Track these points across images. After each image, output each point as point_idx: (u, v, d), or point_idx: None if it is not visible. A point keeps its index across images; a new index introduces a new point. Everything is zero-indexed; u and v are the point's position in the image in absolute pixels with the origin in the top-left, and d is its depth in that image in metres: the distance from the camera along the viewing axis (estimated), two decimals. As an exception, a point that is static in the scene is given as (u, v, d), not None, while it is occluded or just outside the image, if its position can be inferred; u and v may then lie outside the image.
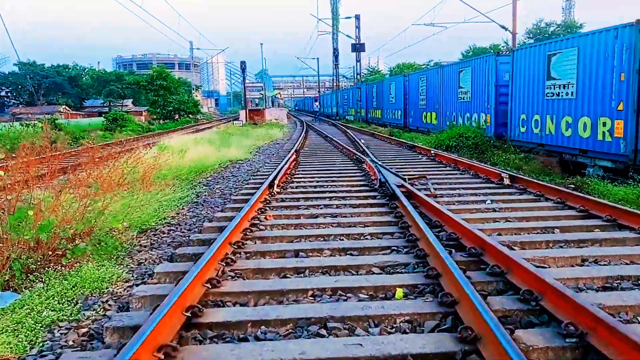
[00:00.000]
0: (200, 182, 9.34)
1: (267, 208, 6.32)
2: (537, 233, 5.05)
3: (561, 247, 4.60)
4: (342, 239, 4.95)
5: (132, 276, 4.11)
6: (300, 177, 9.07)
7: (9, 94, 65.22)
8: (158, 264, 4.35)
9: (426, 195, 6.59)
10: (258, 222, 5.52)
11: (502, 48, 50.93)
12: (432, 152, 11.86)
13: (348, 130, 23.26)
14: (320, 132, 23.49)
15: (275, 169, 9.32)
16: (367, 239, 4.96)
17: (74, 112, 57.98)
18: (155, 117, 45.87)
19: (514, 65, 13.76)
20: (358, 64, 40.85)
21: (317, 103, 54.41)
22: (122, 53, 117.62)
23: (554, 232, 5.07)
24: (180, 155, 12.14)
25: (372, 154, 11.99)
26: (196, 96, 74.20)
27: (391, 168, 9.47)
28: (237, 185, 8.64)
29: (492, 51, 51.33)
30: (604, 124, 10.03)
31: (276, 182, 7.61)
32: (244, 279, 3.87)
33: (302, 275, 3.96)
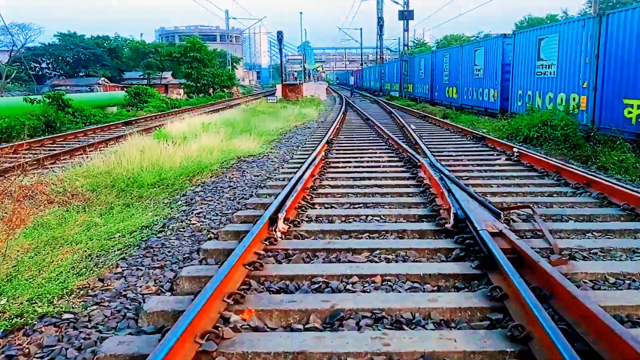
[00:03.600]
0: (184, 195, 6.52)
1: (251, 284, 3.39)
2: None
3: None
4: None
5: None
6: (326, 196, 6.07)
7: (49, 66, 64.73)
8: None
9: (548, 259, 3.50)
10: (214, 344, 2.60)
11: (561, 18, 46.00)
12: (514, 150, 8.53)
13: (393, 111, 19.92)
14: (361, 112, 20.25)
15: (292, 177, 6.38)
16: None
17: (112, 84, 57.03)
18: (189, 91, 43.53)
19: (515, 46, 15.30)
20: (405, 33, 36.61)
21: (352, 77, 54.22)
22: (166, 25, 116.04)
23: None
24: (177, 145, 9.39)
25: (430, 151, 8.81)
26: (236, 69, 71.50)
27: (460, 179, 6.35)
28: (229, 208, 5.73)
29: (548, 21, 46.62)
30: (574, 99, 11.82)
31: (282, 214, 4.63)
32: None
33: None
